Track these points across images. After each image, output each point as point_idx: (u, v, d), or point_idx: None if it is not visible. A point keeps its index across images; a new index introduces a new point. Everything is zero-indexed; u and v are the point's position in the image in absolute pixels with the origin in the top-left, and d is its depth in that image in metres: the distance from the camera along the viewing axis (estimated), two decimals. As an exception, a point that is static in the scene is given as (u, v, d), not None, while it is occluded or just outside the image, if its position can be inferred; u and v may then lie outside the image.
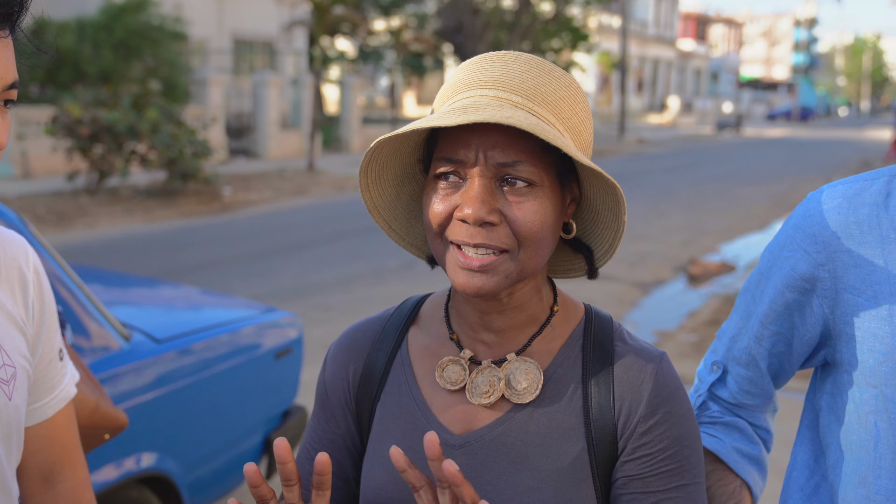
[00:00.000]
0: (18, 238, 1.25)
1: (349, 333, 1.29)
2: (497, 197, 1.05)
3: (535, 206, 1.05)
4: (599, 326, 1.18)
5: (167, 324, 3.37)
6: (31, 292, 1.22)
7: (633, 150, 28.54)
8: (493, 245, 1.05)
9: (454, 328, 1.20)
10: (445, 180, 1.08)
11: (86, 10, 18.75)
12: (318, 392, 1.29)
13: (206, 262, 9.42)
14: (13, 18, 1.01)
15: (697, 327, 7.43)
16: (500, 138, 1.04)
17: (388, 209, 1.20)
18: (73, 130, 12.99)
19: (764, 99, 72.75)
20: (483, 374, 1.15)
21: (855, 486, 1.20)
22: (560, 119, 1.08)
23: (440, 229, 1.09)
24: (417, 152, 1.17)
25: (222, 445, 3.29)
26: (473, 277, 1.07)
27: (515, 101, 1.06)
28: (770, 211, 14.65)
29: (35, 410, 1.26)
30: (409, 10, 30.10)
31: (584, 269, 1.21)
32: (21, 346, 1.19)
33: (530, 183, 1.05)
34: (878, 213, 1.18)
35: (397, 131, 1.06)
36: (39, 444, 1.27)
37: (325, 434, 1.27)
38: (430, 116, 1.07)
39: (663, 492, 1.10)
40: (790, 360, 1.31)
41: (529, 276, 1.10)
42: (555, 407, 1.13)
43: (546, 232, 1.07)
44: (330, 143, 23.52)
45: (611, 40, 48.06)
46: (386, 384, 1.22)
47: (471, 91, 1.09)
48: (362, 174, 1.14)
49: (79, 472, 1.34)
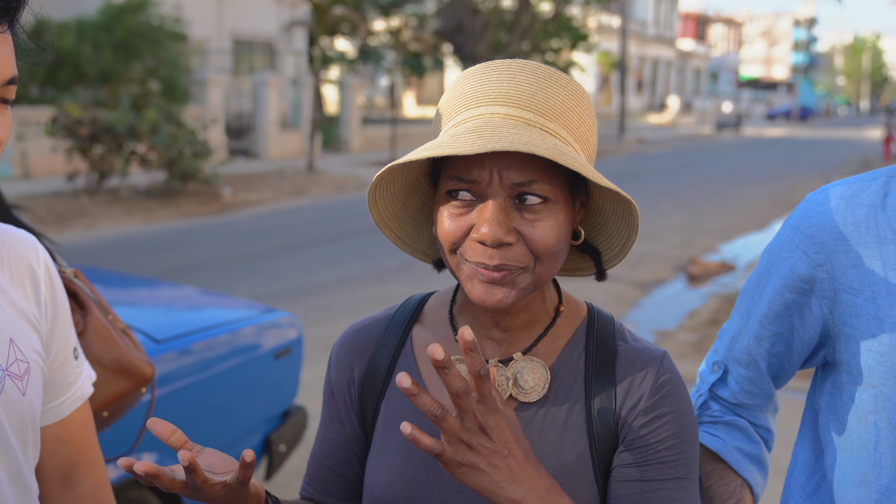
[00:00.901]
0: (28, 236, 1.26)
1: (352, 332, 1.29)
2: (512, 216, 1.05)
3: (551, 223, 1.06)
4: (602, 326, 1.19)
5: (167, 324, 3.37)
6: (42, 290, 1.23)
7: (632, 150, 28.54)
8: (511, 265, 1.06)
9: (459, 328, 1.21)
10: (457, 198, 1.07)
11: (85, 10, 18.75)
12: (325, 392, 1.30)
13: (205, 263, 9.43)
14: (11, 13, 1.00)
15: (697, 327, 7.44)
16: (515, 159, 1.04)
17: (395, 220, 1.20)
18: (73, 131, 12.99)
19: (763, 98, 72.75)
20: None
21: (855, 485, 1.20)
22: (570, 130, 1.08)
23: (454, 247, 1.09)
24: (424, 165, 1.17)
25: (222, 445, 3.29)
26: (492, 291, 1.07)
27: (527, 119, 1.05)
28: (770, 210, 14.65)
29: (51, 410, 1.26)
30: (409, 10, 30.11)
31: (591, 269, 1.22)
32: (34, 343, 1.19)
33: (544, 199, 1.06)
34: (876, 213, 1.18)
35: (409, 157, 1.05)
36: (56, 444, 1.27)
37: (331, 434, 1.27)
38: (445, 140, 1.05)
39: (657, 481, 1.11)
40: (790, 361, 1.31)
41: (543, 285, 1.11)
42: (558, 405, 1.14)
43: (561, 245, 1.08)
44: (330, 143, 23.52)
45: (610, 40, 48.07)
46: (391, 382, 1.22)
47: (480, 108, 1.08)
48: (371, 193, 1.13)
49: (98, 473, 1.34)
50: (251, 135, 21.22)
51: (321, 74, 22.55)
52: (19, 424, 1.15)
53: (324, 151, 22.41)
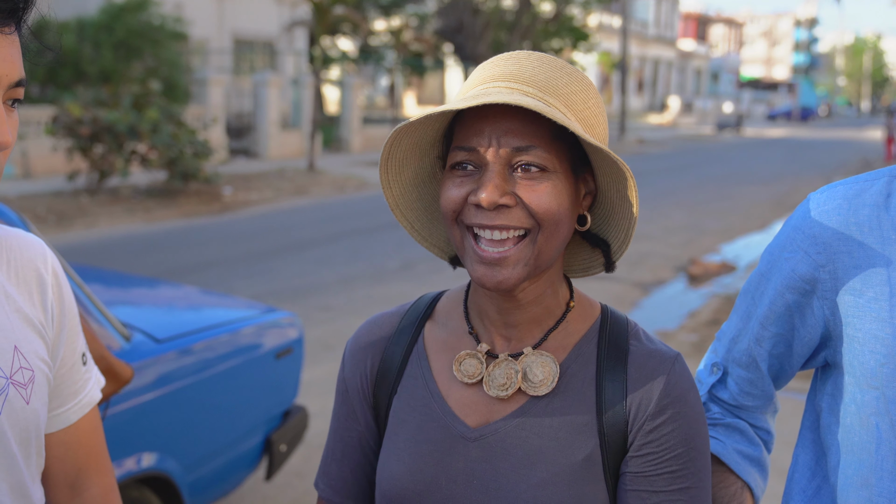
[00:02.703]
0: (37, 241, 1.24)
1: (366, 328, 1.30)
2: (510, 182, 1.07)
3: (549, 189, 1.07)
4: (615, 325, 1.19)
5: (167, 324, 3.37)
6: (49, 295, 1.21)
7: (633, 151, 28.53)
8: (511, 225, 1.07)
9: (472, 323, 1.22)
10: (461, 169, 1.10)
11: (86, 9, 18.75)
12: (338, 389, 1.30)
13: (206, 262, 9.42)
14: (18, 14, 0.99)
15: (698, 327, 7.43)
16: (512, 125, 1.06)
17: (410, 209, 1.22)
18: (74, 130, 12.98)
19: (764, 99, 72.72)
20: (500, 367, 1.16)
21: (857, 488, 1.19)
22: (572, 111, 1.09)
23: (454, 215, 1.10)
24: (436, 149, 1.19)
25: (223, 445, 3.29)
26: (493, 270, 1.08)
27: (527, 91, 1.08)
28: (770, 211, 14.64)
29: (58, 416, 1.25)
30: (410, 10, 30.08)
31: (601, 264, 1.22)
32: (40, 350, 1.18)
33: (543, 168, 1.07)
34: (879, 213, 1.17)
35: (412, 118, 1.09)
36: (64, 450, 1.26)
37: (347, 432, 1.27)
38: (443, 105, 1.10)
39: (666, 492, 1.11)
40: (790, 362, 1.30)
41: (546, 264, 1.11)
42: (569, 402, 1.14)
43: (562, 214, 1.09)
44: (330, 143, 23.51)
45: (611, 40, 48.05)
46: (403, 377, 1.23)
47: (484, 85, 1.11)
48: (382, 170, 1.16)
49: (106, 479, 1.32)
50: (252, 134, 21.22)
51: (322, 74, 22.54)
52: (23, 433, 1.14)
53: (324, 151, 22.40)
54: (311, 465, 4.34)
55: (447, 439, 1.17)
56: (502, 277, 1.08)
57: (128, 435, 2.79)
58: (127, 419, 2.77)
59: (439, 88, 40.30)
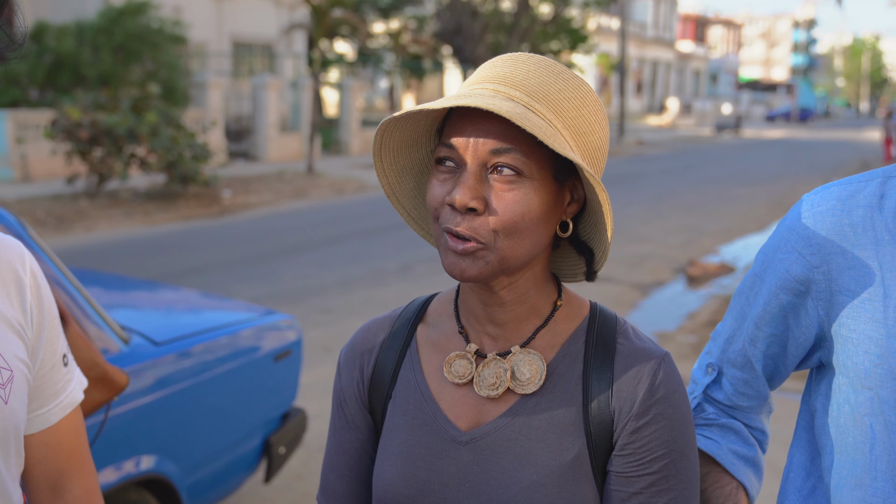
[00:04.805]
0: (15, 242, 1.24)
1: (359, 335, 1.30)
2: (485, 186, 1.08)
3: (518, 197, 1.07)
4: (603, 323, 1.18)
5: (166, 326, 3.38)
6: (28, 296, 1.21)
7: (632, 152, 28.54)
8: (473, 237, 1.08)
9: (462, 323, 1.22)
10: (444, 165, 1.11)
11: (85, 13, 18.75)
12: (335, 399, 1.29)
13: (205, 265, 9.42)
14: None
15: (696, 329, 7.44)
16: (493, 127, 1.07)
17: (406, 197, 1.24)
18: (73, 134, 12.98)
19: (763, 100, 72.69)
20: (489, 367, 1.17)
21: (851, 488, 1.19)
22: (562, 118, 1.08)
23: (436, 213, 1.12)
24: (430, 144, 1.20)
25: (222, 448, 3.29)
26: (459, 260, 1.09)
27: (513, 96, 1.08)
28: (769, 212, 14.64)
29: (38, 417, 1.25)
30: (408, 12, 30.12)
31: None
32: (19, 351, 1.18)
33: (518, 172, 1.07)
34: (873, 214, 1.17)
35: (398, 113, 1.11)
36: (45, 451, 1.26)
37: (347, 443, 1.27)
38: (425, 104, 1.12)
39: (647, 494, 1.11)
40: (785, 362, 1.30)
41: (514, 266, 1.11)
42: (557, 402, 1.14)
43: (528, 224, 1.08)
44: (329, 145, 23.52)
45: (610, 42, 48.07)
46: (396, 381, 1.23)
47: (475, 85, 1.12)
48: (376, 158, 1.17)
49: (87, 480, 1.32)
50: (251, 137, 21.22)
51: (321, 77, 22.54)
52: (1, 433, 1.13)
53: (323, 154, 22.40)
54: (310, 467, 4.35)
55: (439, 443, 1.17)
56: (465, 268, 1.09)
57: (126, 438, 2.79)
58: (126, 422, 2.78)
59: (438, 90, 40.30)
